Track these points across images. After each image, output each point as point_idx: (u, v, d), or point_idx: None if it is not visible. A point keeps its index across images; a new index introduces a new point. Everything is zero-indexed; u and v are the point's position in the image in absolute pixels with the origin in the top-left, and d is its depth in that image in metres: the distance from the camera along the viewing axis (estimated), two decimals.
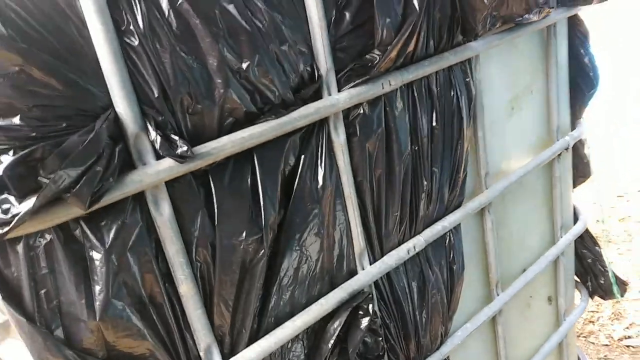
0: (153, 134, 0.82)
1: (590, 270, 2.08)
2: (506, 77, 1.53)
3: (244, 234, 0.97)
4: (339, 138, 1.09)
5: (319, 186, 1.07)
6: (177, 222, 0.90)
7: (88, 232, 0.82)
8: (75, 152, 0.73)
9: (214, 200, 0.93)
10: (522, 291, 1.69)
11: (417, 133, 1.23)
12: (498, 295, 1.61)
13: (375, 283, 1.25)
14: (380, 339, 1.21)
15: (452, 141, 1.32)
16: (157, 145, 0.82)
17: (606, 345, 3.18)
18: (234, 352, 1.01)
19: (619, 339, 3.19)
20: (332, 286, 1.16)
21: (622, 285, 2.14)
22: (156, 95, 0.82)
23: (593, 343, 3.19)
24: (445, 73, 1.28)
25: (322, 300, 1.11)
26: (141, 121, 0.82)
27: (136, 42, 0.79)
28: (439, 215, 1.36)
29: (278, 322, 1.06)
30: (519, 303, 1.75)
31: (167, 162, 0.84)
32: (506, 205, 1.63)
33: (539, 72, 1.68)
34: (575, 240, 1.97)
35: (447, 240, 1.39)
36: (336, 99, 1.05)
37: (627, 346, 3.12)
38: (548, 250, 1.81)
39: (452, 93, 1.30)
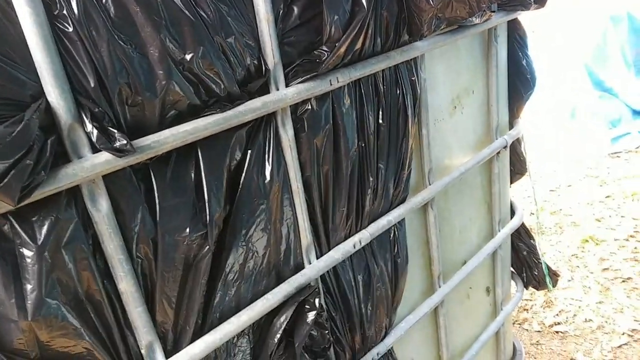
0: (89, 125, 0.77)
1: (526, 262, 2.18)
2: (449, 77, 1.56)
3: (188, 230, 0.93)
4: (287, 133, 1.08)
5: (266, 181, 1.05)
6: (116, 217, 0.86)
7: (18, 228, 0.76)
8: (2, 144, 0.68)
9: (156, 196, 0.89)
10: (462, 283, 1.74)
11: (363, 130, 1.23)
12: (440, 287, 1.65)
13: (322, 277, 1.24)
14: (327, 332, 1.21)
15: (397, 138, 1.33)
16: (94, 138, 0.78)
17: (538, 331, 3.35)
18: (177, 348, 0.98)
19: (549, 326, 3.36)
20: (279, 281, 1.14)
21: (554, 276, 2.25)
22: (92, 85, 0.77)
23: (527, 330, 3.35)
24: (391, 71, 1.29)
25: (268, 295, 1.10)
26: (76, 112, 0.77)
27: (70, 29, 0.74)
28: (384, 210, 1.37)
29: (223, 318, 1.03)
30: (459, 294, 1.80)
31: (105, 156, 0.79)
32: (448, 200, 1.67)
33: (479, 73, 1.73)
34: (511, 234, 2.05)
35: (392, 235, 1.41)
36: (284, 94, 1.04)
37: (557, 332, 3.29)
38: (487, 243, 1.87)
39: (398, 91, 1.31)
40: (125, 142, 0.79)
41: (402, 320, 1.51)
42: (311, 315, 1.14)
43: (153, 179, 0.89)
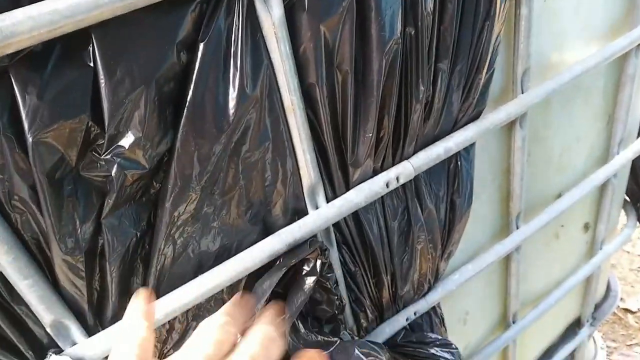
0: None
1: None
2: None
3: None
4: (271, 13, 0.64)
5: (232, 95, 0.64)
6: None
7: None
8: None
9: (23, 118, 0.54)
10: (552, 221, 1.28)
11: (416, 7, 0.74)
12: (518, 228, 1.22)
13: (337, 223, 0.88)
14: (336, 296, 0.87)
15: (473, 22, 0.82)
16: None
17: None
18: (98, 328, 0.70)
19: None
20: (267, 233, 0.79)
21: None
22: None
23: (628, 252, 2.81)
24: None
25: (242, 255, 0.76)
26: None
27: None
28: (443, 132, 0.92)
29: (172, 287, 0.73)
30: (546, 235, 1.36)
31: None
32: (549, 113, 1.15)
33: None
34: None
35: (452, 165, 0.97)
36: None
37: None
38: (597, 170, 1.35)
39: None
40: None
41: (455, 272, 1.13)
42: (309, 281, 0.80)
43: (17, 93, 0.53)
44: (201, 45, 0.61)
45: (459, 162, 0.97)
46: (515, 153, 1.08)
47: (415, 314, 1.07)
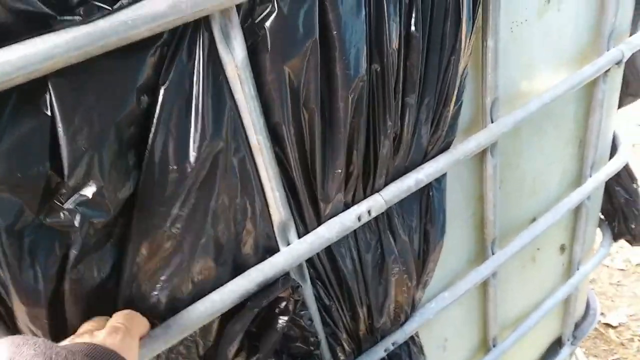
0: None
1: (621, 212, 1.64)
2: None
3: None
4: (234, 55, 0.63)
5: (194, 137, 0.63)
6: None
7: None
8: None
9: None
10: (527, 245, 1.28)
11: (380, 45, 0.75)
12: (493, 253, 1.22)
13: (311, 259, 0.86)
14: (311, 335, 0.86)
15: (440, 55, 0.83)
16: None
17: (622, 270, 2.83)
18: None
19: (637, 264, 2.82)
20: (238, 272, 0.78)
21: None
22: None
23: (607, 266, 2.84)
24: None
25: (213, 296, 0.74)
26: None
27: None
28: (414, 164, 0.92)
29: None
30: (522, 258, 1.36)
31: None
32: (519, 140, 1.16)
33: None
34: None
35: (423, 196, 0.97)
36: None
37: None
38: (570, 193, 1.36)
39: None
40: None
41: (432, 300, 1.13)
42: (282, 320, 0.79)
43: None
44: (162, 90, 0.60)
45: (430, 193, 0.97)
46: (487, 181, 1.09)
47: (393, 344, 1.05)
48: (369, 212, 0.86)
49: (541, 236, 1.31)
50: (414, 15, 0.77)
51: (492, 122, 1.01)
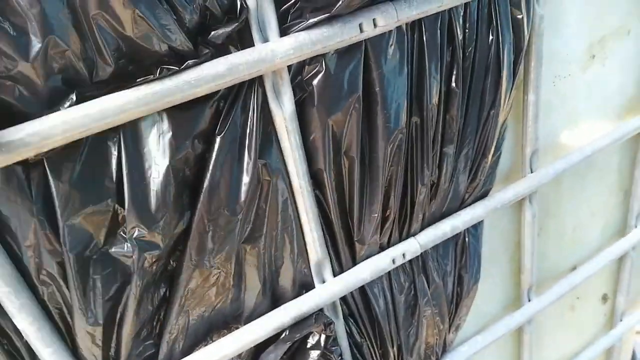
0: None
1: None
2: (587, 11, 0.97)
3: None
4: (283, 109, 0.68)
5: (245, 180, 0.68)
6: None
7: None
8: None
9: (56, 204, 0.59)
10: (565, 293, 1.25)
11: (421, 99, 0.77)
12: (530, 300, 1.19)
13: (343, 297, 0.89)
14: None
15: (480, 109, 0.85)
16: None
17: None
18: None
19: None
20: (276, 304, 0.81)
21: None
22: None
23: None
24: (482, 4, 0.78)
25: (250, 326, 0.78)
26: None
27: None
28: (450, 210, 0.93)
29: (185, 352, 0.75)
30: (560, 306, 1.32)
31: None
32: (561, 190, 1.14)
33: None
34: None
35: (459, 241, 0.97)
36: (273, 50, 0.63)
37: None
38: (614, 243, 1.32)
39: (490, 37, 0.81)
40: None
41: (464, 343, 1.11)
42: (314, 355, 0.81)
43: (51, 181, 0.58)
44: (218, 138, 0.65)
45: (466, 239, 0.97)
46: (525, 228, 1.08)
47: None
48: (403, 255, 0.88)
49: (581, 285, 1.27)
50: (454, 72, 0.79)
51: (531, 172, 1.01)
